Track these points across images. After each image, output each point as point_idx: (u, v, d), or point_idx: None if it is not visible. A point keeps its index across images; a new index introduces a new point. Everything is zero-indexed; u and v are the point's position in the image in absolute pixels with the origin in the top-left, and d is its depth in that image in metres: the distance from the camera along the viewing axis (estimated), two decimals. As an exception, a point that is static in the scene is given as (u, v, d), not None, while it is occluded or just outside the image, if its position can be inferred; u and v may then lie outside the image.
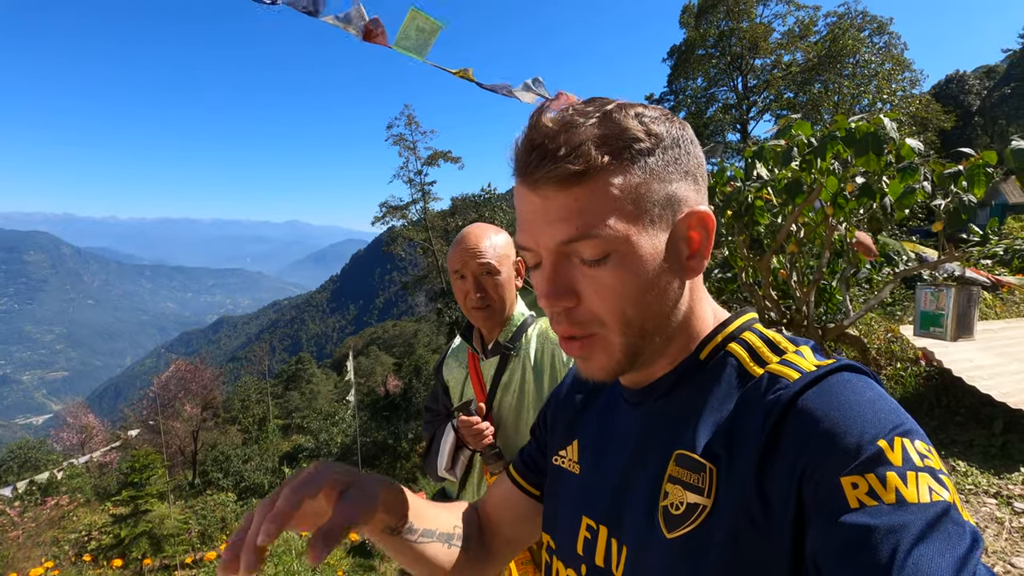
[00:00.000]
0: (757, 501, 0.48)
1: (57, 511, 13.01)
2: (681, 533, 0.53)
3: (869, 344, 4.76)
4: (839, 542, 0.42)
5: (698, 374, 0.59)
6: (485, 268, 1.38)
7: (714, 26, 28.82)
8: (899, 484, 0.42)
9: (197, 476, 24.59)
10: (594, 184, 0.51)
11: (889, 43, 26.19)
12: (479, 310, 1.40)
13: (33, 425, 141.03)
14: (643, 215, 0.53)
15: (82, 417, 28.60)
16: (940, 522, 0.41)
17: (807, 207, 3.87)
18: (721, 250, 4.72)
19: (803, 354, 0.55)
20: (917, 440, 0.46)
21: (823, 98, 26.33)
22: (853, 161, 3.37)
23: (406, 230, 31.59)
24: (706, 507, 0.52)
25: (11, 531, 10.70)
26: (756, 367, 0.56)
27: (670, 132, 0.54)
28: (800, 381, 0.51)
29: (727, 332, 0.61)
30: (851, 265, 4.45)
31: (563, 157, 0.50)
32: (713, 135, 30.23)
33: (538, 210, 0.54)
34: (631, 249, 0.53)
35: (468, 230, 1.43)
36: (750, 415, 0.52)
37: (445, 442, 1.46)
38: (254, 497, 18.11)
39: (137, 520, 13.15)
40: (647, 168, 0.53)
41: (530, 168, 0.52)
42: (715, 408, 0.56)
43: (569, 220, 0.52)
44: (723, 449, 0.52)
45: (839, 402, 0.48)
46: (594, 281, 0.54)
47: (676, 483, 0.55)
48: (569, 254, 0.54)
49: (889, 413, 0.47)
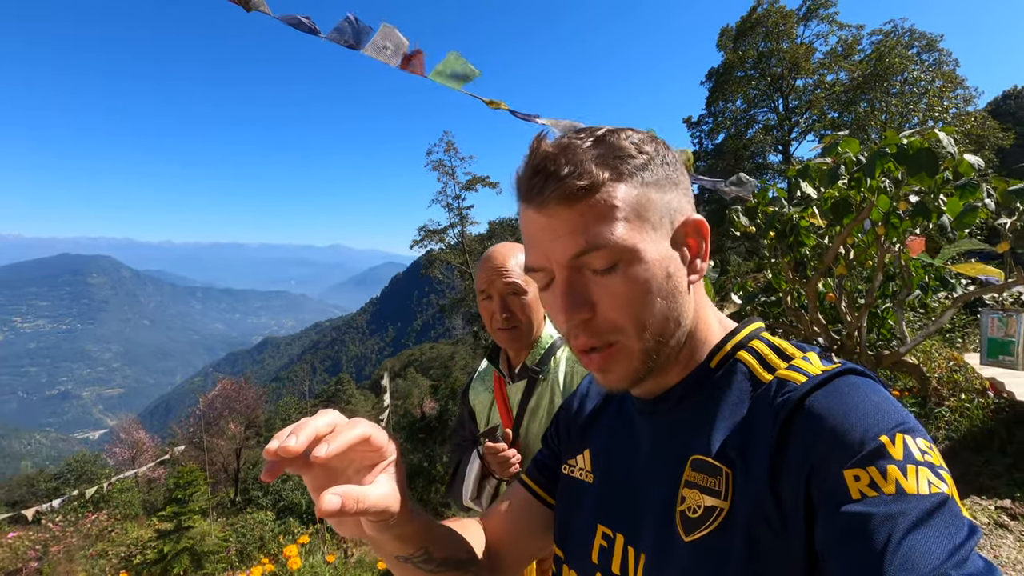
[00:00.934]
0: (771, 501, 0.50)
1: (96, 527, 13.44)
2: (699, 536, 0.54)
3: (929, 372, 4.44)
4: (839, 530, 0.44)
5: (709, 382, 0.61)
6: (511, 288, 1.34)
7: (753, 48, 28.54)
8: (899, 476, 0.44)
9: (238, 494, 25.10)
10: (597, 198, 0.54)
11: (939, 60, 25.31)
12: (505, 331, 1.36)
13: (90, 439, 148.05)
14: (645, 224, 0.56)
15: (134, 433, 29.78)
16: (937, 512, 0.43)
17: (856, 227, 3.69)
18: (764, 273, 4.54)
19: (810, 360, 0.58)
20: (919, 437, 0.48)
21: (870, 117, 25.54)
22: (906, 179, 3.19)
23: (444, 254, 31.99)
24: (723, 509, 0.53)
25: (53, 545, 11.10)
26: (766, 373, 0.58)
27: (657, 150, 0.59)
28: (807, 384, 0.53)
29: (736, 341, 0.63)
30: (905, 288, 4.21)
31: (567, 176, 0.54)
32: (753, 156, 29.69)
33: (546, 228, 0.56)
34: (638, 256, 0.55)
35: (494, 249, 1.39)
36: (762, 418, 0.54)
37: (471, 470, 1.40)
38: (291, 516, 18.29)
39: (180, 536, 13.45)
40: (643, 181, 0.56)
41: (535, 190, 0.56)
42: (728, 414, 0.58)
43: (577, 234, 0.55)
44: (737, 453, 0.54)
45: (844, 402, 0.50)
46: (607, 290, 0.56)
47: (693, 487, 0.57)
48: (580, 267, 0.57)
49: (892, 412, 0.49)
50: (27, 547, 11.04)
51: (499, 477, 1.34)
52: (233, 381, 32.18)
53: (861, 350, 4.11)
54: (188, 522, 13.96)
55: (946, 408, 4.07)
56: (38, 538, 11.63)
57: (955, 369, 4.56)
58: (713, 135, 31.15)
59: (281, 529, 16.43)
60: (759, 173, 29.58)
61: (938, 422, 3.98)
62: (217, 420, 28.69)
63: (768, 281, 4.90)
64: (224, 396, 29.81)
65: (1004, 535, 2.89)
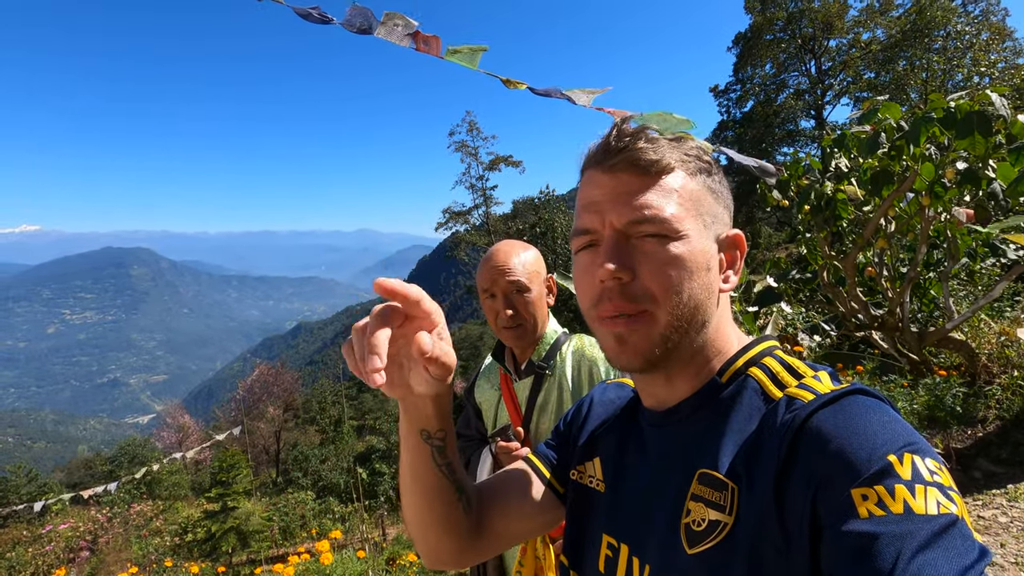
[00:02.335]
0: (776, 518, 0.50)
1: (141, 518, 14.11)
2: (702, 549, 0.54)
3: (979, 349, 4.22)
4: (847, 550, 0.44)
5: (720, 397, 0.61)
6: (515, 286, 1.32)
7: (783, 8, 27.24)
8: (907, 496, 0.44)
9: (279, 475, 26.04)
10: (664, 178, 0.59)
11: (987, 10, 23.65)
12: (510, 330, 1.34)
13: (140, 424, 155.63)
14: (699, 216, 0.60)
15: (179, 418, 31.17)
16: (946, 533, 0.42)
17: (898, 198, 3.49)
18: (799, 247, 4.36)
19: (821, 379, 0.57)
20: (928, 458, 0.47)
21: (909, 76, 24.14)
22: (953, 144, 2.98)
23: (469, 235, 32.02)
24: (727, 524, 0.53)
25: (102, 536, 11.72)
26: (776, 390, 0.58)
27: (718, 167, 0.65)
28: (815, 402, 0.53)
29: (748, 357, 0.63)
30: (952, 258, 3.97)
31: (642, 148, 0.59)
32: (785, 123, 28.56)
33: (610, 190, 0.60)
34: (687, 238, 0.58)
35: (496, 247, 1.37)
36: (769, 436, 0.54)
37: (482, 469, 1.39)
38: (331, 496, 18.88)
39: (225, 516, 14.06)
40: (705, 183, 0.62)
41: (611, 154, 0.60)
42: (737, 429, 0.58)
43: (639, 201, 0.58)
44: (744, 469, 0.54)
45: (851, 421, 0.50)
46: (653, 258, 0.58)
47: (698, 501, 0.57)
48: (631, 235, 0.59)
49: (900, 432, 0.49)
50: (79, 536, 11.71)
51: None
52: (270, 366, 33.19)
53: (904, 326, 3.93)
54: (233, 503, 14.58)
55: (997, 386, 3.86)
56: (87, 528, 12.31)
57: (1007, 344, 4.32)
58: (741, 103, 30.06)
59: (321, 508, 17.02)
60: (791, 140, 28.49)
61: (988, 401, 3.79)
62: (256, 404, 29.72)
63: (801, 255, 4.71)
64: (262, 381, 30.82)
65: (1060, 519, 2.75)
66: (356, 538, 11.68)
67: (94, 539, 11.90)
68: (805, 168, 4.04)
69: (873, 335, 4.19)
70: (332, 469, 22.20)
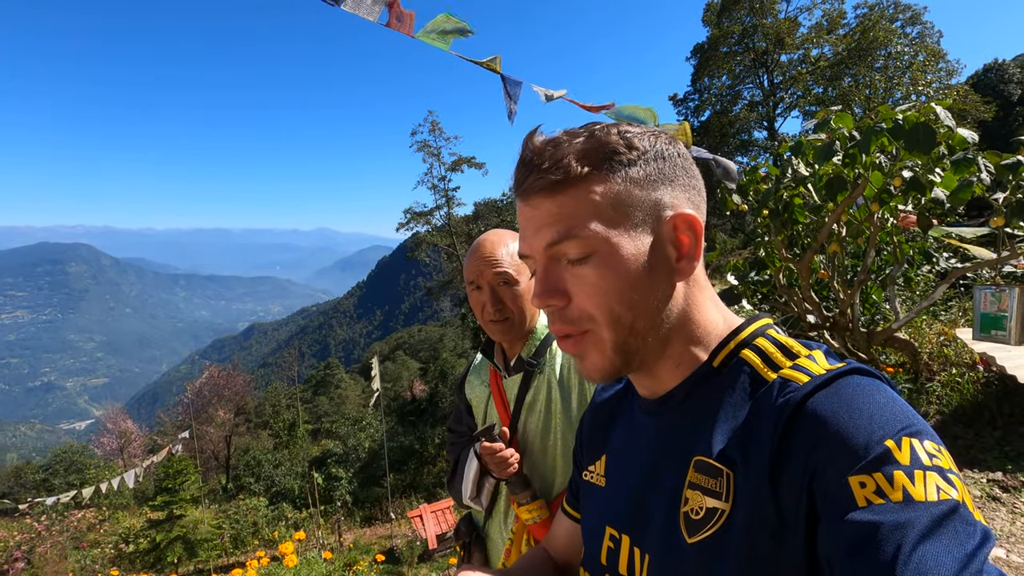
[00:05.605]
0: (771, 503, 0.49)
1: (83, 524, 13.31)
2: (702, 537, 0.54)
3: (921, 348, 4.47)
4: (846, 540, 0.43)
5: (713, 381, 0.60)
6: (502, 278, 1.26)
7: (737, 22, 28.24)
8: (906, 482, 0.43)
9: (230, 481, 25.04)
10: (576, 192, 0.56)
11: (923, 33, 25.27)
12: (497, 323, 1.28)
13: (76, 430, 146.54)
14: (625, 219, 0.57)
15: (121, 423, 29.48)
16: (947, 519, 0.42)
17: (849, 204, 3.65)
18: (756, 251, 4.52)
19: (815, 358, 0.56)
20: (926, 440, 0.47)
21: (854, 92, 25.52)
22: (901, 155, 3.15)
23: (430, 236, 31.68)
24: (725, 511, 0.53)
25: (39, 546, 10.99)
26: (770, 372, 0.57)
27: (654, 146, 0.58)
28: (809, 384, 0.52)
29: (740, 338, 0.61)
30: (897, 263, 4.20)
31: (547, 169, 0.56)
32: (739, 133, 29.58)
33: (530, 218, 0.59)
34: (612, 249, 0.56)
35: (483, 237, 1.31)
36: (763, 419, 0.53)
37: (469, 469, 1.34)
38: (285, 502, 18.29)
39: (171, 525, 13.40)
40: (628, 177, 0.57)
41: (521, 182, 0.59)
42: (731, 414, 0.57)
43: (554, 224, 0.57)
44: (739, 454, 0.54)
45: (847, 404, 0.49)
46: (581, 280, 0.57)
47: (696, 489, 0.56)
48: (558, 257, 0.58)
49: (898, 414, 0.48)
50: (12, 547, 10.94)
51: (497, 477, 1.28)
52: (221, 368, 31.89)
53: (854, 327, 4.12)
54: (180, 511, 13.92)
55: (937, 383, 4.11)
56: (23, 538, 11.53)
57: (945, 344, 4.60)
58: (699, 112, 30.94)
59: (275, 514, 16.45)
60: (745, 150, 29.53)
61: (929, 396, 4.02)
62: (206, 407, 28.47)
63: (756, 258, 4.87)
64: (212, 383, 29.55)
65: (996, 508, 2.93)
66: (312, 544, 11.35)
67: (31, 549, 11.12)
68: (764, 175, 4.18)
69: (825, 335, 4.37)
70: (286, 474, 21.51)
